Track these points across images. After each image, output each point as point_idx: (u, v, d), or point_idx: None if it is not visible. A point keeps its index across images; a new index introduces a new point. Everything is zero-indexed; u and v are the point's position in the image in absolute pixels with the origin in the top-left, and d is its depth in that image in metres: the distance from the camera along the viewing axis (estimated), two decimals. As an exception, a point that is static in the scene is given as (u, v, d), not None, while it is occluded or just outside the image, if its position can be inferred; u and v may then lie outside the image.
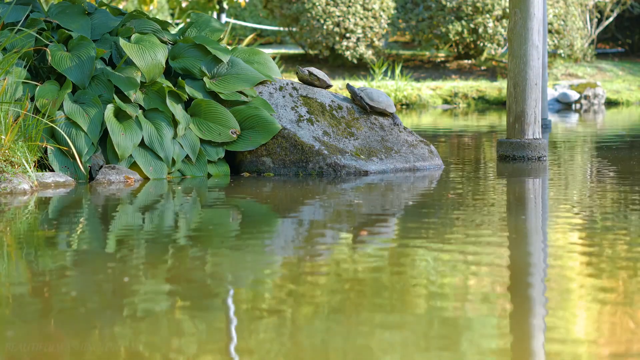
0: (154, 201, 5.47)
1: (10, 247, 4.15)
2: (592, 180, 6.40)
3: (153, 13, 18.71)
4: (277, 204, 5.42)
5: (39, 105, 6.02)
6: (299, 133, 6.39)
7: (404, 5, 18.86)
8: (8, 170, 5.50)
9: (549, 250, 3.99)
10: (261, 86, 6.68)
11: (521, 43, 7.00)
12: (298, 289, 3.36)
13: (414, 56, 20.03)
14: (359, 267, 3.67)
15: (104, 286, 3.40)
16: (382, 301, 3.17)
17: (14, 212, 5.00)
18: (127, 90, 6.25)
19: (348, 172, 6.28)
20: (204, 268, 3.68)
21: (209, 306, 3.11)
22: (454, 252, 3.91)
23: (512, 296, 3.26)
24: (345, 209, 5.13)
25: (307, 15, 17.96)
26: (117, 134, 6.06)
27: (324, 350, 2.67)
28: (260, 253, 3.97)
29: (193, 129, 6.35)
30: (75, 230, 4.50)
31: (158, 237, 4.34)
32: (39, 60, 6.49)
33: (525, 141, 7.05)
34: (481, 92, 16.87)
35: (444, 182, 6.13)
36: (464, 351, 2.65)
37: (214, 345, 2.71)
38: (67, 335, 2.80)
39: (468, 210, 4.97)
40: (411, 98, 16.07)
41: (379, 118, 6.77)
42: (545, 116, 10.82)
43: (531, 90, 7.02)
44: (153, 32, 6.73)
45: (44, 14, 6.84)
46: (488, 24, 18.19)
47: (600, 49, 22.73)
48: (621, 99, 17.45)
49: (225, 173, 6.38)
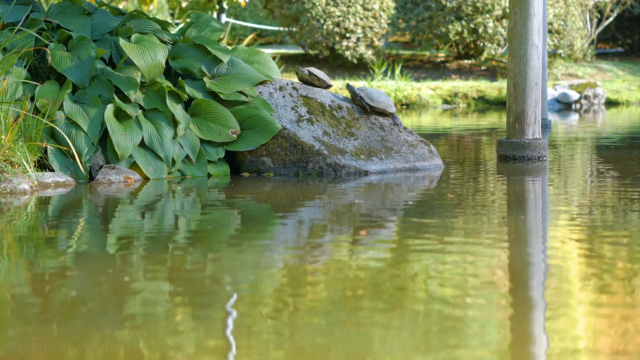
0: (154, 201, 5.47)
1: (10, 247, 4.15)
2: (592, 180, 6.40)
3: (153, 13, 18.71)
4: (277, 204, 5.42)
5: (39, 105, 6.02)
6: (299, 133, 6.39)
7: (404, 5, 18.86)
8: (8, 170, 5.50)
9: (549, 250, 3.99)
10: (261, 86, 6.68)
11: (521, 43, 7.00)
12: (298, 288, 3.36)
13: (414, 56, 20.03)
14: (359, 267, 3.67)
15: (104, 286, 3.40)
16: (381, 301, 3.17)
17: (14, 212, 5.00)
18: (127, 90, 6.25)
19: (348, 172, 6.28)
20: (204, 268, 3.68)
21: (208, 306, 3.11)
22: (453, 253, 3.91)
23: (512, 296, 3.26)
24: (345, 209, 5.13)
25: (307, 15, 17.96)
26: (117, 134, 6.06)
27: (324, 349, 2.67)
28: (260, 253, 3.97)
29: (193, 129, 6.36)
30: (75, 230, 4.50)
31: (158, 237, 4.34)
32: (39, 60, 6.49)
33: (525, 141, 7.05)
34: (481, 92, 16.87)
35: (444, 182, 6.12)
36: (464, 351, 2.65)
37: (214, 344, 2.71)
38: (67, 335, 2.80)
39: (468, 210, 4.97)
40: (411, 98, 16.07)
41: (379, 118, 6.77)
42: (545, 116, 10.82)
43: (531, 90, 7.02)
44: (153, 32, 6.73)
45: (44, 14, 6.84)
46: (488, 24, 18.19)
47: (600, 49, 22.74)
48: (621, 99, 17.45)
49: (225, 173, 6.38)
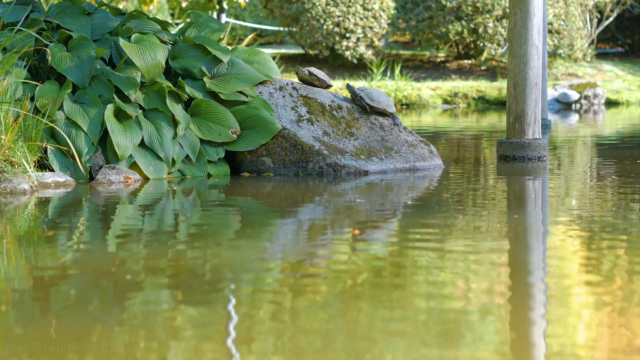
0: (154, 201, 5.47)
1: (10, 247, 4.15)
2: (592, 180, 6.40)
3: (153, 13, 18.71)
4: (277, 203, 5.42)
5: (39, 105, 6.02)
6: (299, 133, 6.39)
7: (404, 5, 18.86)
8: (8, 170, 5.50)
9: (549, 250, 4.00)
10: (261, 86, 6.68)
11: (521, 43, 7.00)
12: (298, 288, 3.36)
13: (413, 56, 20.03)
14: (359, 267, 3.67)
15: (104, 286, 3.40)
16: (381, 301, 3.17)
17: (14, 212, 5.00)
18: (127, 90, 6.25)
19: (348, 172, 6.28)
20: (204, 268, 3.68)
21: (208, 305, 3.11)
22: (453, 252, 3.91)
23: (511, 295, 3.26)
24: (345, 208, 5.13)
25: (307, 15, 17.96)
26: (117, 134, 6.06)
27: (323, 347, 2.67)
28: (259, 253, 3.97)
29: (193, 129, 6.36)
30: (75, 230, 4.51)
31: (158, 237, 4.34)
32: (39, 60, 6.49)
33: (525, 141, 7.05)
34: (481, 92, 16.87)
35: (444, 182, 6.12)
36: (463, 351, 2.65)
37: (214, 343, 2.71)
38: (67, 334, 2.80)
39: (468, 210, 4.97)
40: (411, 98, 16.07)
41: (379, 118, 6.77)
42: (545, 116, 10.82)
43: (531, 90, 7.02)
44: (153, 32, 6.73)
45: (44, 14, 6.84)
46: (488, 24, 18.19)
47: (600, 49, 22.73)
48: (621, 99, 17.45)
49: (225, 173, 6.38)
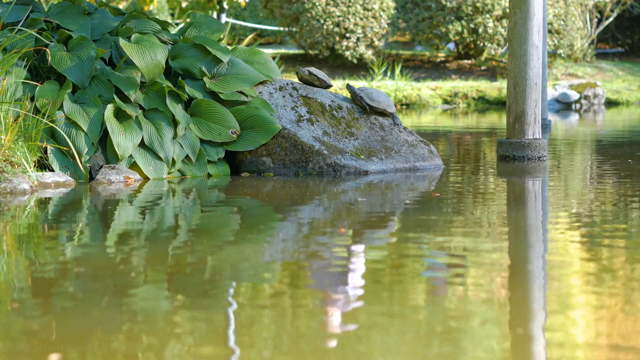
0: (153, 201, 5.47)
1: (10, 246, 4.15)
2: (591, 179, 6.41)
3: (153, 13, 18.71)
4: (277, 203, 5.42)
5: (39, 105, 6.02)
6: (299, 133, 6.39)
7: (404, 5, 18.86)
8: (8, 170, 5.50)
9: (548, 249, 4.00)
10: (261, 86, 6.68)
11: (521, 43, 7.00)
12: (298, 288, 3.36)
13: (413, 56, 20.03)
14: (359, 266, 3.67)
15: (104, 286, 3.40)
16: (381, 300, 3.17)
17: (14, 212, 5.00)
18: (127, 90, 6.25)
19: (348, 172, 6.28)
20: (204, 268, 3.68)
21: (208, 305, 3.11)
22: (452, 252, 3.91)
23: (511, 295, 3.26)
24: (345, 208, 5.13)
25: (307, 15, 17.96)
26: (117, 134, 6.06)
27: (324, 346, 2.67)
28: (259, 253, 3.97)
29: (193, 129, 6.36)
30: (75, 230, 4.51)
31: (158, 237, 4.34)
32: (39, 60, 6.49)
33: (525, 141, 7.05)
34: (481, 92, 16.87)
35: (444, 182, 6.13)
36: (463, 351, 2.65)
37: (214, 343, 2.72)
38: (67, 334, 2.80)
39: (468, 210, 4.97)
40: (411, 98, 16.07)
41: (379, 118, 6.77)
42: (545, 116, 10.82)
43: (531, 90, 7.03)
44: (153, 32, 6.73)
45: (44, 14, 6.83)
46: (488, 24, 18.19)
47: (600, 49, 22.74)
48: (621, 99, 17.45)
49: (225, 173, 6.38)
